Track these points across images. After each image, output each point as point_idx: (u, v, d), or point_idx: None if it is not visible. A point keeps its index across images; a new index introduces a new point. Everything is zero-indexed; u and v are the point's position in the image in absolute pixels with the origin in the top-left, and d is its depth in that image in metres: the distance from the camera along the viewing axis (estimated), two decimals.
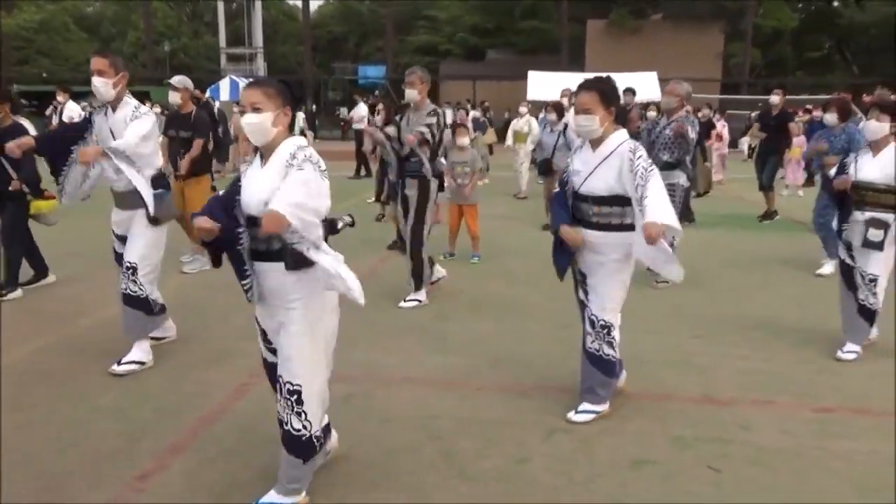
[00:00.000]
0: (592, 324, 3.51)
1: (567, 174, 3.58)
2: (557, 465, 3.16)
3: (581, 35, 33.62)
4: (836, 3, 39.36)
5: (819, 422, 3.62)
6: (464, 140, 7.19)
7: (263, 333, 2.82)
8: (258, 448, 3.24)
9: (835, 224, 4.63)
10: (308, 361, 2.67)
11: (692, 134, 6.04)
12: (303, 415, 2.67)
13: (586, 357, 3.57)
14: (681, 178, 6.13)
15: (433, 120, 5.44)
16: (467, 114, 15.21)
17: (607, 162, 3.36)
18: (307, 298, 2.63)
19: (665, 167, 6.01)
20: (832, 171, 4.75)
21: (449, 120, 11.19)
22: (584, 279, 3.56)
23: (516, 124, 12.54)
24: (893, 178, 4.29)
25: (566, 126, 8.52)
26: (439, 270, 5.98)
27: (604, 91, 3.36)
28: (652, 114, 10.64)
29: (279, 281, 2.62)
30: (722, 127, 15.04)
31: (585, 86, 3.40)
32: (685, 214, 9.15)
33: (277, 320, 2.69)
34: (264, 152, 2.65)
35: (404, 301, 5.59)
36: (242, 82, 27.43)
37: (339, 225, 2.75)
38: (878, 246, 4.31)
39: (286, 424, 2.69)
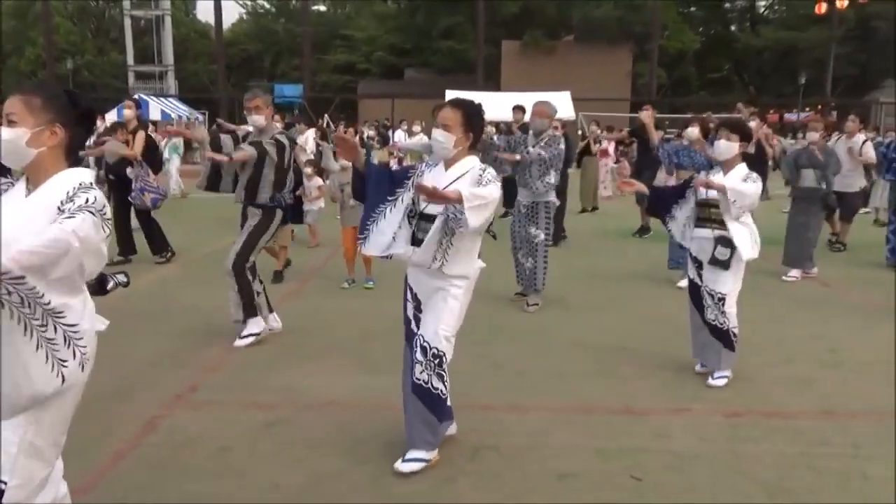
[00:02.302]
0: (424, 351, 3.19)
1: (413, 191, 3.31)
2: (485, 482, 3.16)
3: (496, 55, 34.41)
4: (733, 28, 41.90)
5: (731, 426, 3.77)
6: (346, 161, 6.93)
7: None
8: (171, 483, 3.09)
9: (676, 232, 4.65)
10: (30, 449, 2.03)
11: (546, 154, 6.05)
12: None
13: (412, 390, 3.24)
14: (551, 197, 6.16)
15: (273, 146, 4.96)
16: (356, 132, 14.48)
17: (458, 184, 3.16)
18: None
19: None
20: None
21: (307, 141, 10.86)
22: (418, 304, 3.30)
23: (410, 142, 12.65)
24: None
25: None
26: (275, 319, 5.29)
27: (469, 114, 3.21)
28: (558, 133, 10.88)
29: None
30: (608, 143, 15.43)
31: (453, 103, 3.26)
32: (557, 233, 9.44)
33: None
34: (31, 178, 2.10)
35: (239, 338, 4.97)
36: (152, 101, 26.58)
37: (110, 285, 2.32)
38: (725, 265, 4.26)
39: None
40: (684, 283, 6.74)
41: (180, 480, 3.11)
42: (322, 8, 48.16)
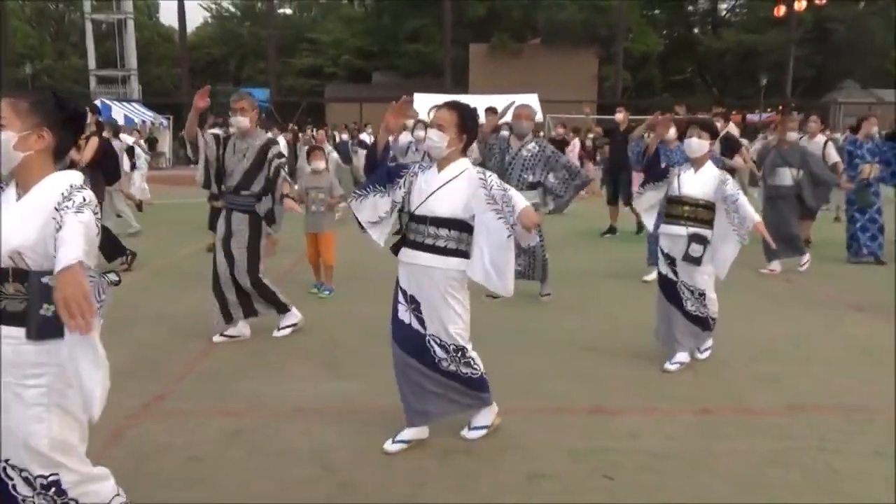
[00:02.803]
0: (445, 349, 3.36)
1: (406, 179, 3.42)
2: (458, 485, 3.14)
3: (464, 58, 34.51)
4: (696, 31, 42.59)
5: (701, 424, 3.81)
6: (319, 164, 6.66)
7: None
8: (138, 493, 3.00)
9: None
10: (57, 443, 2.16)
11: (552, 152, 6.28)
12: None
13: (444, 376, 3.40)
14: (535, 198, 6.22)
15: (276, 152, 5.03)
16: (326, 136, 14.09)
17: (452, 185, 3.27)
18: (53, 372, 2.13)
19: (530, 187, 6.17)
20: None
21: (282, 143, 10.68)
22: (417, 306, 3.36)
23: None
24: (712, 194, 4.41)
25: None
26: (245, 325, 5.28)
27: (464, 116, 3.31)
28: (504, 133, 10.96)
29: (14, 351, 2.10)
30: (573, 147, 15.67)
31: (449, 104, 3.35)
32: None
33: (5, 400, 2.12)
34: (20, 182, 2.16)
35: (278, 330, 5.27)
36: (115, 105, 26.11)
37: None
38: (697, 261, 4.39)
39: None
40: (650, 276, 6.86)
41: (149, 490, 3.03)
42: (287, 11, 47.85)
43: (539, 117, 23.36)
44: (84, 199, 2.06)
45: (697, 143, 4.48)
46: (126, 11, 38.18)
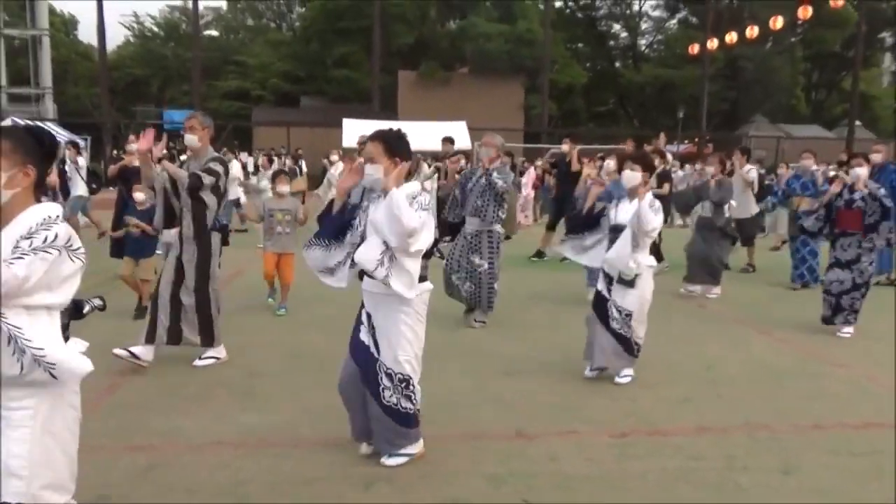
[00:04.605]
0: (390, 378, 3.44)
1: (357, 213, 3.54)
2: None
3: (393, 84, 34.70)
4: (618, 64, 44.25)
5: (617, 446, 3.91)
6: (284, 188, 7.03)
7: None
8: None
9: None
10: (38, 468, 2.17)
11: (504, 183, 6.32)
12: None
13: (382, 410, 3.46)
14: (496, 226, 6.44)
15: (219, 168, 5.05)
16: (270, 161, 13.95)
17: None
18: (38, 395, 2.16)
19: (474, 213, 6.35)
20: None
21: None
22: (374, 331, 3.48)
23: (332, 174, 12.59)
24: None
25: None
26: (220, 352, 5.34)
27: (388, 142, 3.42)
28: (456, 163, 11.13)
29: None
30: (528, 175, 16.09)
31: (372, 136, 3.48)
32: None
33: None
34: (3, 216, 2.18)
35: (199, 359, 5.18)
36: (29, 126, 24.91)
37: (86, 309, 2.37)
38: (630, 283, 4.74)
39: None
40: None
41: None
42: (214, 33, 47.06)
43: (468, 144, 23.71)
44: (45, 240, 2.07)
45: (629, 175, 4.82)
46: (41, 28, 36.70)
